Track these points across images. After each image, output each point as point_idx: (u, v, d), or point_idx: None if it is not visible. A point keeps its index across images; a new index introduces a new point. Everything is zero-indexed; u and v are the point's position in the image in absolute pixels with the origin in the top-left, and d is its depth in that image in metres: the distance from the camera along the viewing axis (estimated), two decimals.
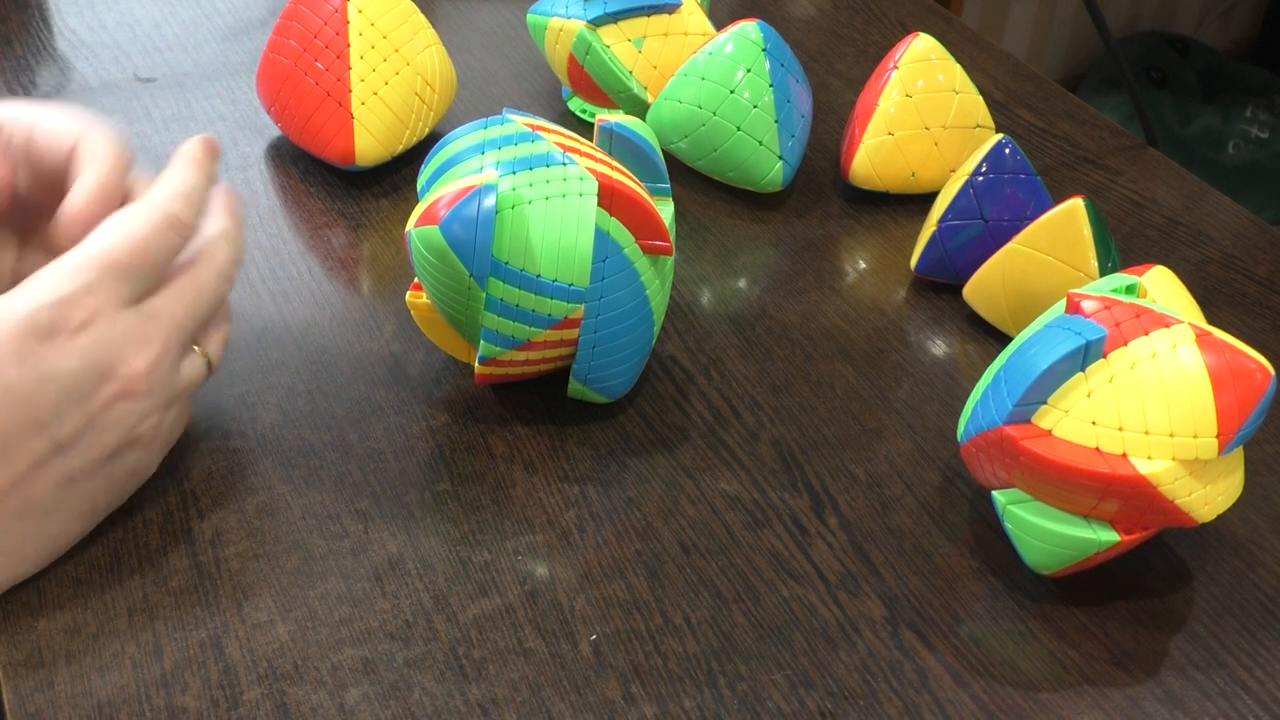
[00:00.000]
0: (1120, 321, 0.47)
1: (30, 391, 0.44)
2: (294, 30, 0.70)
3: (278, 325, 0.61)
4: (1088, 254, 0.59)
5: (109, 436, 0.47)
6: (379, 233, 0.68)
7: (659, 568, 0.51)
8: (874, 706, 0.46)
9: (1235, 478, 0.48)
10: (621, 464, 0.55)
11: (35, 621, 0.48)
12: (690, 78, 0.70)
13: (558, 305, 0.52)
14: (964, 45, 0.88)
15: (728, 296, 0.65)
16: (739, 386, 0.59)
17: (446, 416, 0.57)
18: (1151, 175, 0.76)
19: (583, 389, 0.56)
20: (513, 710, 0.45)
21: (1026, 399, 0.47)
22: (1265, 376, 0.46)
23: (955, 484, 0.55)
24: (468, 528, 0.52)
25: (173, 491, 0.53)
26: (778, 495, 0.54)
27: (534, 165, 0.52)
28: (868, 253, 0.69)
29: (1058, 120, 0.81)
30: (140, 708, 0.45)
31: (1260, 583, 0.51)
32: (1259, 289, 0.67)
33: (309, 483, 0.53)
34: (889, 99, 0.69)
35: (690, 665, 0.47)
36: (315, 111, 0.69)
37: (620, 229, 0.53)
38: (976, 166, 0.63)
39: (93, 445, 0.47)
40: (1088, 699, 0.47)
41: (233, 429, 0.56)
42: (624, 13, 0.72)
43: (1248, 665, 0.48)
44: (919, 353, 0.62)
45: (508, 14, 0.89)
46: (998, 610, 0.50)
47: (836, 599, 0.50)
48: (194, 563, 0.50)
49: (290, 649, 0.47)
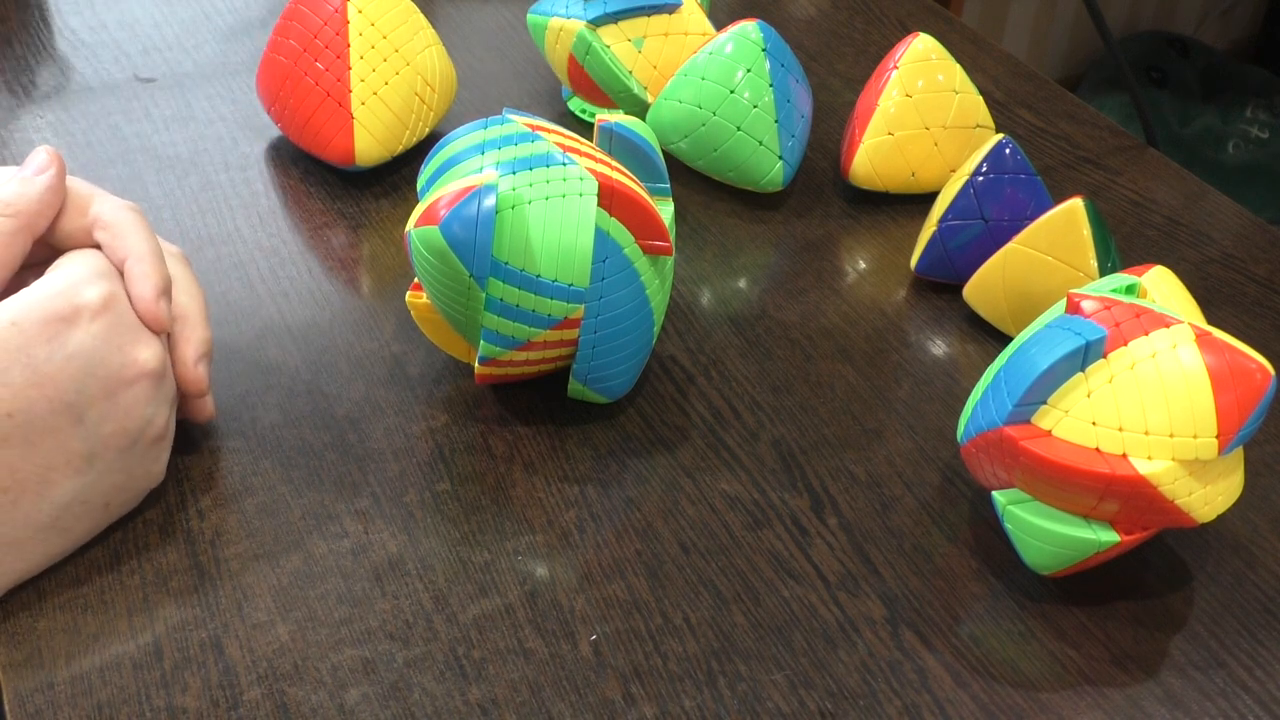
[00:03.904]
0: (1120, 321, 0.47)
1: (56, 370, 0.46)
2: (294, 30, 0.70)
3: (278, 325, 0.61)
4: (1088, 254, 0.59)
5: (129, 422, 0.48)
6: (379, 233, 0.68)
7: (659, 568, 0.51)
8: (874, 706, 0.46)
9: (1235, 478, 0.48)
10: (621, 464, 0.55)
11: (35, 621, 0.48)
12: (690, 78, 0.70)
13: (558, 305, 0.52)
14: (964, 45, 0.88)
15: (728, 296, 0.65)
16: (739, 386, 0.59)
17: (446, 416, 0.57)
18: (1151, 175, 0.76)
19: (583, 389, 0.56)
20: (513, 710, 0.45)
21: (1026, 399, 0.47)
22: (1265, 376, 0.46)
23: (955, 484, 0.55)
24: (468, 528, 0.52)
25: (173, 491, 0.53)
26: (778, 495, 0.54)
27: (534, 165, 0.52)
28: (868, 253, 0.69)
29: (1058, 120, 0.81)
30: (140, 708, 0.45)
31: (1260, 583, 0.51)
32: (1259, 289, 0.67)
33: (309, 483, 0.53)
34: (889, 99, 0.69)
35: (690, 665, 0.47)
36: (315, 111, 0.69)
37: (620, 229, 0.53)
38: (976, 166, 0.63)
39: (114, 429, 0.48)
40: (1088, 699, 0.47)
41: (233, 429, 0.56)
42: (624, 13, 0.72)
43: (1248, 665, 0.48)
44: (919, 353, 0.62)
45: (508, 14, 0.89)
46: (998, 610, 0.50)
47: (836, 599, 0.50)
48: (194, 563, 0.50)
49: (290, 649, 0.47)
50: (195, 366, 0.52)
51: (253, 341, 0.60)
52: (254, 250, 0.66)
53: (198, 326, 0.52)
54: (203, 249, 0.66)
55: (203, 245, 0.66)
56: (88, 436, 0.47)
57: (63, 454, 0.47)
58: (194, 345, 0.52)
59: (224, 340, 0.60)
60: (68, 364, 0.46)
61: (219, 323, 0.61)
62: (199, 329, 0.52)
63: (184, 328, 0.52)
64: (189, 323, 0.52)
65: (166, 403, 0.50)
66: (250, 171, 0.72)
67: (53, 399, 0.46)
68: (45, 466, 0.46)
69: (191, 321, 0.52)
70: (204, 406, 0.54)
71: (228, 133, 0.75)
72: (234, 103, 0.77)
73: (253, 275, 0.64)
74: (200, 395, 0.53)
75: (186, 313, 0.52)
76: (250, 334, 0.60)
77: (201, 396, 0.53)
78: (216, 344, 0.60)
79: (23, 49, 0.82)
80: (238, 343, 0.60)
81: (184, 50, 0.83)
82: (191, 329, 0.52)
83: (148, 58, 0.82)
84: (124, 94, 0.78)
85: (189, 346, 0.52)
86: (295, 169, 0.72)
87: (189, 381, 0.52)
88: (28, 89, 0.78)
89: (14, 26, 0.85)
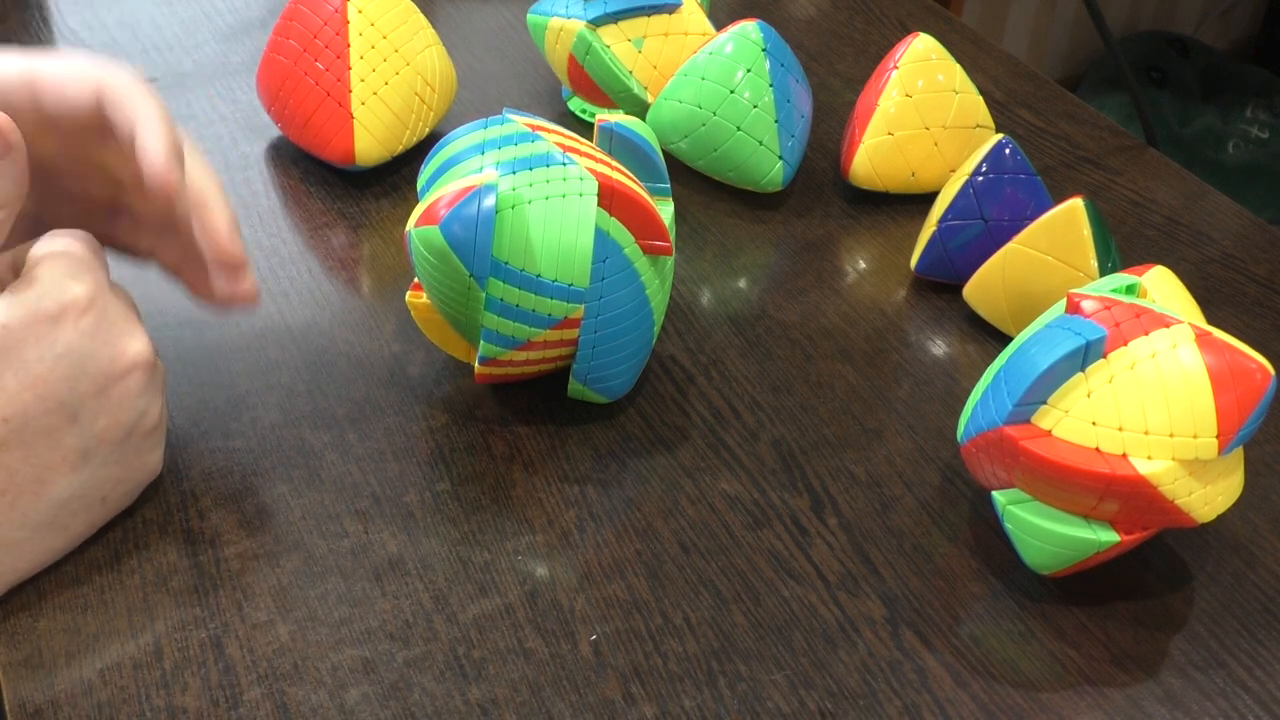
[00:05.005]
0: (1120, 321, 0.47)
1: (48, 370, 0.46)
2: (294, 30, 0.70)
3: (278, 325, 0.61)
4: (1088, 254, 0.59)
5: (123, 415, 0.48)
6: (379, 233, 0.68)
7: (659, 568, 0.51)
8: (874, 706, 0.46)
9: (1235, 478, 0.48)
10: (621, 464, 0.55)
11: (35, 621, 0.48)
12: (690, 78, 0.70)
13: (558, 305, 0.52)
14: (964, 45, 0.88)
15: (728, 296, 0.65)
16: (739, 386, 0.59)
17: (446, 416, 0.57)
18: (1151, 175, 0.76)
19: (583, 389, 0.56)
20: (513, 710, 0.45)
21: (1026, 399, 0.47)
22: (1265, 376, 0.46)
23: (955, 484, 0.55)
24: (468, 528, 0.52)
25: (173, 491, 0.53)
26: (778, 495, 0.54)
27: (534, 165, 0.52)
28: (868, 253, 0.69)
29: (1058, 120, 0.81)
30: (140, 708, 0.45)
31: (1260, 583, 0.51)
32: (1259, 289, 0.67)
33: (309, 483, 0.53)
34: (889, 99, 0.69)
35: (690, 665, 0.47)
36: (315, 111, 0.69)
37: (620, 229, 0.53)
38: (976, 166, 0.63)
39: (108, 424, 0.48)
40: (1088, 699, 0.47)
41: (233, 429, 0.56)
42: (624, 13, 0.72)
43: (1248, 665, 0.48)
44: (919, 353, 0.62)
45: (508, 14, 0.89)
46: (998, 610, 0.50)
47: (836, 599, 0.50)
48: (194, 563, 0.50)
49: (290, 649, 0.47)
50: (230, 234, 0.51)
51: (253, 341, 0.60)
52: (254, 250, 0.66)
53: (219, 201, 0.51)
54: None
55: None
56: (82, 433, 0.47)
57: (59, 452, 0.47)
58: (222, 216, 0.51)
59: (224, 340, 0.60)
60: (58, 363, 0.46)
61: (219, 323, 0.61)
62: (221, 203, 0.51)
63: (207, 201, 0.51)
64: (210, 196, 0.51)
65: (158, 393, 0.50)
66: (250, 171, 0.72)
67: (46, 399, 0.46)
68: (42, 466, 0.46)
69: (212, 196, 0.51)
70: (245, 279, 0.52)
71: (228, 133, 0.75)
72: (234, 103, 0.77)
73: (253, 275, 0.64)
74: (240, 265, 0.52)
75: (205, 191, 0.51)
76: (250, 334, 0.60)
77: (242, 266, 0.52)
78: (217, 344, 0.60)
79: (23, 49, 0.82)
80: (238, 343, 0.60)
81: (184, 50, 0.83)
82: (215, 202, 0.51)
83: (148, 58, 0.82)
84: None
85: (217, 216, 0.51)
86: (295, 169, 0.72)
87: (225, 251, 0.51)
88: None
89: (14, 26, 0.85)
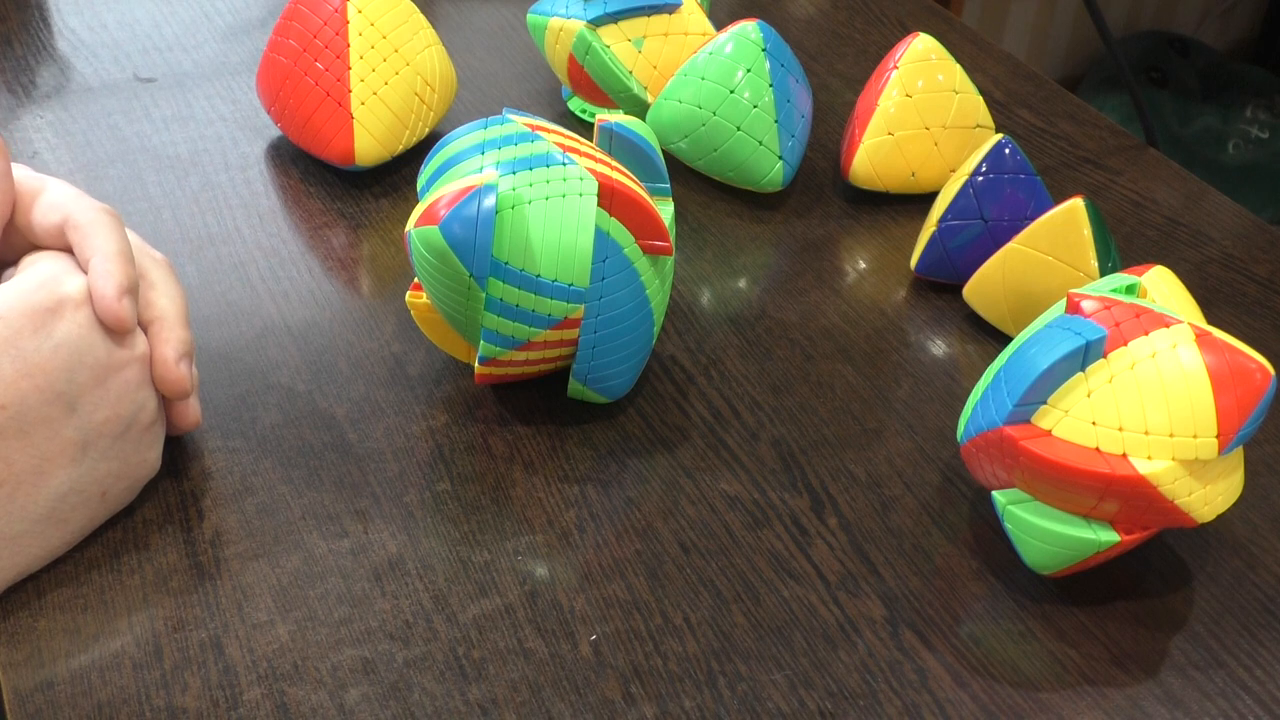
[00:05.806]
0: (1120, 321, 0.47)
1: (45, 360, 0.46)
2: (294, 30, 0.70)
3: (278, 325, 0.61)
4: (1088, 254, 0.59)
5: (121, 408, 0.49)
6: (379, 233, 0.68)
7: (659, 568, 0.51)
8: (874, 706, 0.46)
9: (1235, 478, 0.48)
10: (621, 464, 0.55)
11: (35, 621, 0.48)
12: (690, 78, 0.70)
13: (558, 305, 0.52)
14: (964, 45, 0.88)
15: (728, 296, 0.65)
16: (739, 386, 0.59)
17: (446, 416, 0.57)
18: (1151, 175, 0.76)
19: (583, 389, 0.56)
20: (513, 710, 0.45)
21: (1026, 399, 0.47)
22: (1265, 376, 0.46)
23: (955, 484, 0.55)
24: (468, 528, 0.52)
25: (173, 491, 0.53)
26: (778, 495, 0.54)
27: (534, 165, 0.52)
28: (868, 253, 0.69)
29: (1058, 120, 0.81)
30: (140, 708, 0.45)
31: (1260, 583, 0.51)
32: (1259, 289, 0.67)
33: (309, 483, 0.53)
34: (889, 99, 0.69)
35: (690, 665, 0.47)
36: (315, 111, 0.69)
37: (620, 229, 0.53)
38: (976, 166, 0.63)
39: (107, 416, 0.48)
40: (1088, 699, 0.47)
41: (233, 429, 0.56)
42: (624, 13, 0.72)
43: (1248, 665, 0.48)
44: (919, 353, 0.62)
45: (508, 14, 0.89)
46: (998, 610, 0.50)
47: (836, 599, 0.50)
48: (194, 563, 0.50)
49: (290, 649, 0.47)
50: (177, 365, 0.50)
51: (253, 341, 0.60)
52: (254, 250, 0.66)
53: (176, 327, 0.51)
54: (203, 249, 0.66)
55: (203, 245, 0.66)
56: (81, 425, 0.47)
57: (57, 443, 0.47)
58: (173, 345, 0.50)
59: (224, 340, 0.60)
60: (56, 353, 0.47)
61: (219, 323, 0.61)
62: (178, 329, 0.51)
63: (161, 329, 0.50)
64: (167, 323, 0.51)
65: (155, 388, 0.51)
66: (250, 171, 0.72)
67: (44, 389, 0.46)
68: (40, 457, 0.47)
69: (169, 322, 0.51)
70: (188, 410, 0.52)
71: (228, 133, 0.75)
72: (234, 103, 0.77)
73: (253, 275, 0.64)
74: (184, 396, 0.51)
75: (164, 314, 0.51)
76: (250, 334, 0.60)
77: (185, 398, 0.52)
78: (217, 344, 0.60)
79: (23, 49, 0.82)
80: (238, 343, 0.60)
81: (184, 50, 0.83)
82: (170, 329, 0.51)
83: (148, 58, 0.82)
84: (124, 94, 0.78)
85: (167, 346, 0.50)
86: (295, 169, 0.72)
87: (171, 382, 0.50)
88: (28, 89, 0.78)
89: (14, 26, 0.85)
